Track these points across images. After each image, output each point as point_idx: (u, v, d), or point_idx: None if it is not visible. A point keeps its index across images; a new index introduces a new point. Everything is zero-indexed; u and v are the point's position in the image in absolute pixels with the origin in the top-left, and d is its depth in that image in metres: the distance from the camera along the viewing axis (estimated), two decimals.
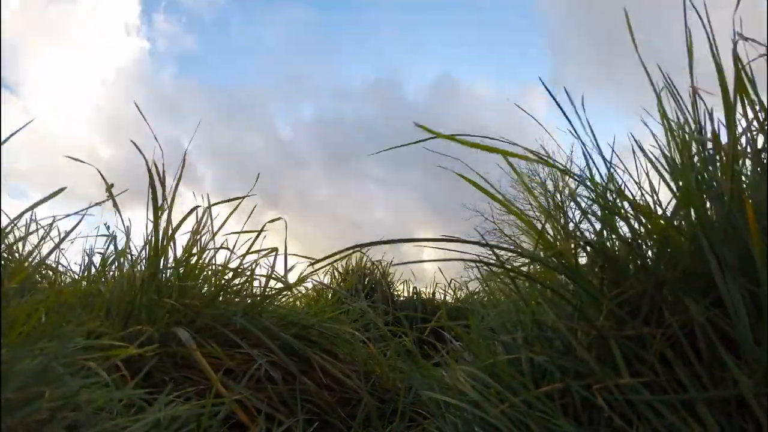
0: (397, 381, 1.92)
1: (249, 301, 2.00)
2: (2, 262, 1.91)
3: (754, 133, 0.84)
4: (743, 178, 0.84)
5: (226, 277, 2.04)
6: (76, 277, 2.09)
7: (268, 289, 2.09)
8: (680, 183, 0.89)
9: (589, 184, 0.97)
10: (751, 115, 0.84)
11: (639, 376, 0.76)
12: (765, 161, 0.81)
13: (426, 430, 1.66)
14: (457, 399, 1.00)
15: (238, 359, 1.79)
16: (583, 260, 0.99)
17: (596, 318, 0.79)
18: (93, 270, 2.07)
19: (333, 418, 1.68)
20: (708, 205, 0.86)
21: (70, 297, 1.89)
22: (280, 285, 2.14)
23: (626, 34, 0.97)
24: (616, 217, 0.93)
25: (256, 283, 2.12)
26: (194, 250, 2.05)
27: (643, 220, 0.89)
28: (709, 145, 0.92)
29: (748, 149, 0.83)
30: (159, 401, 0.97)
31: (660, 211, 0.94)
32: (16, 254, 1.90)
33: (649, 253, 0.91)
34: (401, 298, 3.61)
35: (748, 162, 0.85)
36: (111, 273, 2.00)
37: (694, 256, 0.83)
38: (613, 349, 0.76)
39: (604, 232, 0.91)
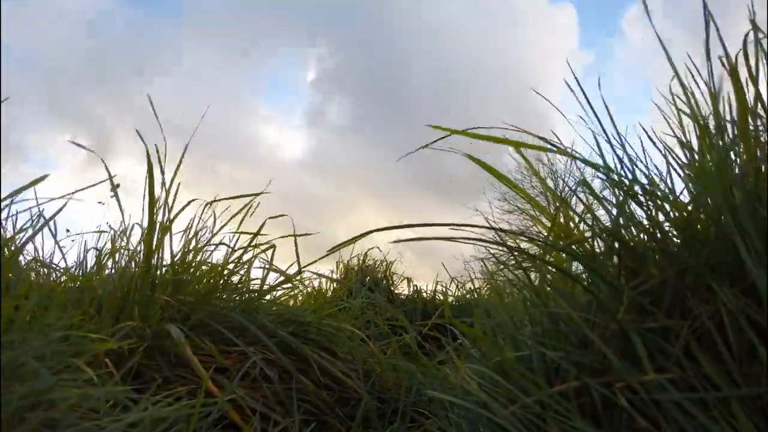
0: (398, 380, 1.85)
1: (246, 297, 1.93)
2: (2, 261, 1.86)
3: None
4: None
5: (225, 271, 1.97)
6: (72, 273, 2.03)
7: (265, 286, 2.03)
8: (703, 164, 0.83)
9: (602, 170, 0.91)
10: None
11: (663, 372, 0.70)
12: None
13: (428, 431, 1.60)
14: (463, 399, 0.94)
15: (233, 357, 1.73)
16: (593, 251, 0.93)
17: (616, 309, 0.73)
18: (88, 266, 2.01)
19: (331, 418, 1.61)
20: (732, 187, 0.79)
21: (60, 291, 1.84)
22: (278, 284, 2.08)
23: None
24: (633, 203, 0.87)
25: (253, 281, 2.06)
26: (191, 246, 1.98)
27: (662, 204, 0.83)
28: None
29: None
30: (144, 400, 0.91)
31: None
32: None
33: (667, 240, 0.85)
34: (402, 297, 3.54)
35: None
36: (108, 270, 1.94)
37: (718, 241, 0.77)
38: (636, 343, 0.69)
39: (621, 219, 0.85)
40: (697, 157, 0.90)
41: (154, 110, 1.84)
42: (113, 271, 1.89)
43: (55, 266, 2.02)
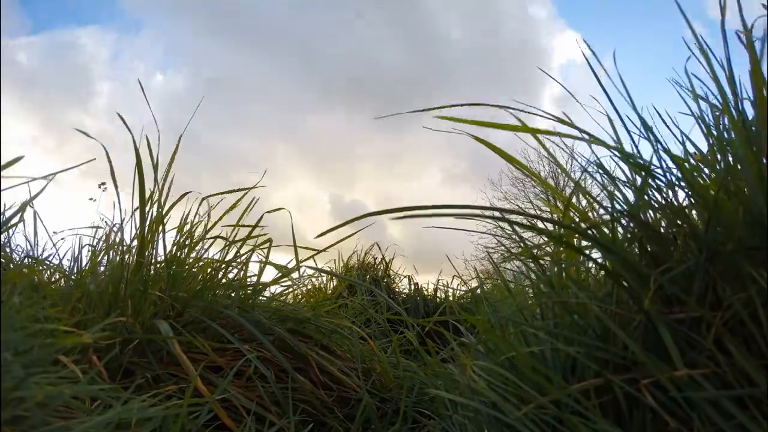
0: (399, 379, 1.78)
1: (241, 293, 1.87)
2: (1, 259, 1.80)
3: None
4: None
5: (220, 266, 1.90)
6: (64, 269, 1.96)
7: (261, 283, 1.97)
8: (732, 142, 0.76)
9: (617, 149, 0.85)
10: None
11: (693, 367, 0.63)
12: None
13: None
14: (471, 398, 0.87)
15: (228, 355, 1.66)
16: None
17: (641, 299, 0.66)
18: (83, 262, 1.94)
19: (330, 418, 1.55)
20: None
21: (47, 286, 1.77)
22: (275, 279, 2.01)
23: None
24: (654, 184, 0.80)
25: (250, 278, 2.00)
26: (186, 241, 1.92)
27: (686, 184, 0.77)
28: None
29: None
30: (125, 399, 0.85)
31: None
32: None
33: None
34: (403, 295, 3.47)
35: None
36: (102, 267, 1.88)
37: (747, 224, 0.70)
38: (664, 335, 0.62)
39: (641, 201, 0.78)
40: (715, 134, 0.84)
41: (146, 98, 1.78)
42: (106, 266, 1.83)
43: (48, 262, 1.96)
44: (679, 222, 0.74)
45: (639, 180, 0.82)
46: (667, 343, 0.62)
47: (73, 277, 1.84)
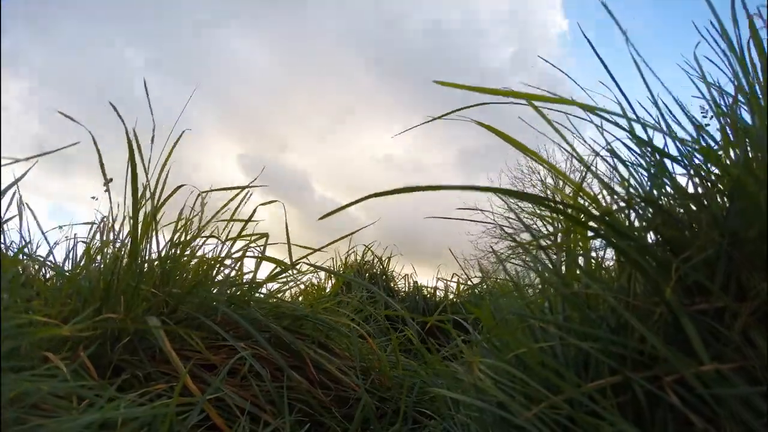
0: (398, 378, 1.73)
1: (237, 289, 1.82)
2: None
3: None
4: None
5: (215, 262, 1.85)
6: (58, 266, 1.91)
7: (257, 280, 1.91)
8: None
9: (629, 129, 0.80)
10: None
11: (718, 361, 0.59)
12: None
13: None
14: (477, 398, 0.82)
15: (223, 353, 1.61)
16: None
17: (661, 289, 0.62)
18: (77, 259, 1.89)
19: (327, 418, 1.50)
20: None
21: (40, 283, 1.72)
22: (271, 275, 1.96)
23: None
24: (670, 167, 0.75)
25: (246, 274, 1.94)
26: (181, 236, 1.87)
27: (705, 167, 0.72)
28: None
29: None
30: (105, 397, 0.80)
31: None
32: None
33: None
34: (401, 294, 3.42)
35: None
36: (96, 263, 1.83)
37: None
38: (687, 327, 0.58)
39: (655, 186, 0.73)
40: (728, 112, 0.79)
41: (146, 90, 1.73)
42: (99, 262, 1.78)
43: (42, 259, 1.91)
44: (697, 207, 0.69)
45: (652, 166, 0.78)
46: (690, 336, 0.57)
47: (66, 273, 1.79)
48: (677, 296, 0.64)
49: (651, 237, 0.71)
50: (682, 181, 0.76)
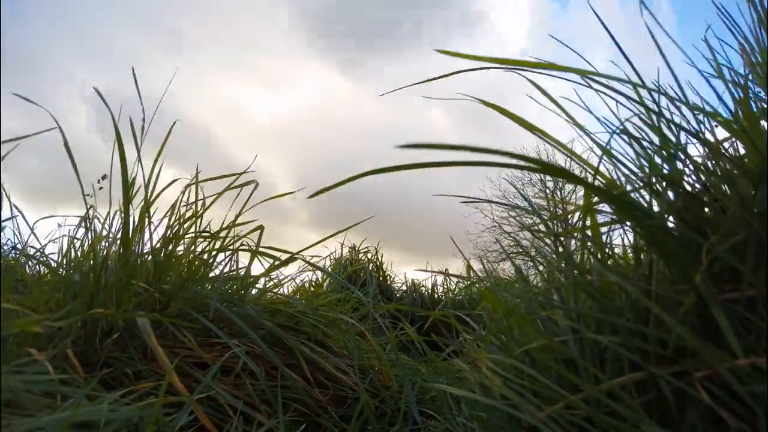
0: (398, 377, 1.68)
1: (231, 284, 1.76)
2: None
3: None
4: None
5: (208, 257, 1.79)
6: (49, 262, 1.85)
7: (252, 275, 1.85)
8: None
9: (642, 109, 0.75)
10: None
11: (752, 355, 0.53)
12: None
13: None
14: (483, 397, 0.76)
15: (216, 351, 1.56)
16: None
17: (689, 275, 0.56)
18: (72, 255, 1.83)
19: (324, 418, 1.44)
20: None
21: (27, 277, 1.67)
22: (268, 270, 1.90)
23: None
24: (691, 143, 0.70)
25: (241, 270, 1.89)
26: (174, 230, 1.81)
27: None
28: None
29: None
30: (82, 395, 0.74)
31: None
32: None
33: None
34: (399, 292, 3.36)
35: None
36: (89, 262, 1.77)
37: None
38: (719, 317, 0.52)
39: (678, 165, 0.68)
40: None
41: (135, 80, 1.67)
42: (89, 256, 1.72)
43: (36, 256, 1.85)
44: (725, 187, 0.64)
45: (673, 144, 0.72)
46: (722, 327, 0.52)
47: (55, 266, 1.74)
48: (705, 285, 0.59)
49: (672, 220, 0.66)
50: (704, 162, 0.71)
